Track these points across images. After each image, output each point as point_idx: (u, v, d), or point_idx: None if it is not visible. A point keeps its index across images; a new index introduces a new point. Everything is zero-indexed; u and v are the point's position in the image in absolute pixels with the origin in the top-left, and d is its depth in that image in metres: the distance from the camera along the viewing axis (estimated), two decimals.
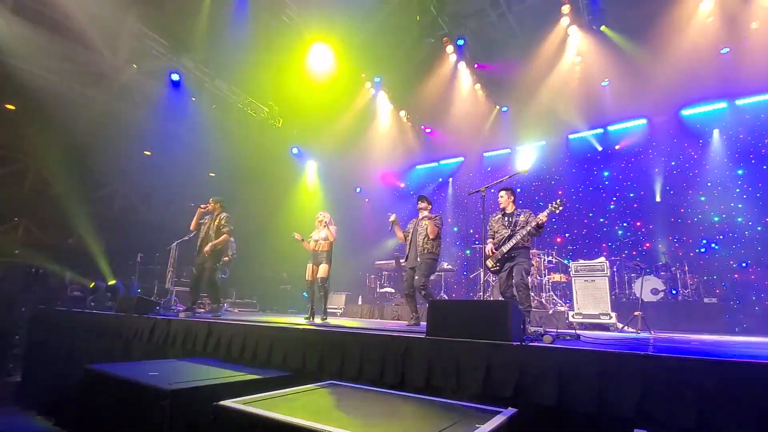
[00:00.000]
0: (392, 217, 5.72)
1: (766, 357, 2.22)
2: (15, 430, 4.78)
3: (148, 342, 4.96)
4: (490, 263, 5.18)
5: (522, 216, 5.06)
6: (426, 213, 5.68)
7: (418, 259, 5.41)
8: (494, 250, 5.13)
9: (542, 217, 4.81)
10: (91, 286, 8.85)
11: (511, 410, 2.22)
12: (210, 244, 6.31)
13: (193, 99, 10.49)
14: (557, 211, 4.93)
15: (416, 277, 5.36)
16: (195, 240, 7.13)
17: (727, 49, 8.59)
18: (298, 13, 9.40)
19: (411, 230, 5.74)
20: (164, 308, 6.71)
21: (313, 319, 6.00)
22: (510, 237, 4.99)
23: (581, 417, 2.28)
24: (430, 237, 5.39)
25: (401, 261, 9.59)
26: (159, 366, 3.50)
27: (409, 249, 5.62)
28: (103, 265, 9.90)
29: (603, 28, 9.06)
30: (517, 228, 4.97)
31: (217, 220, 6.52)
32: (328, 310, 6.34)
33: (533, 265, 7.55)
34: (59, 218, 9.81)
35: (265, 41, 9.67)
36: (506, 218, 5.19)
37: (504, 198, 5.25)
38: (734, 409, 1.92)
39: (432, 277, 6.04)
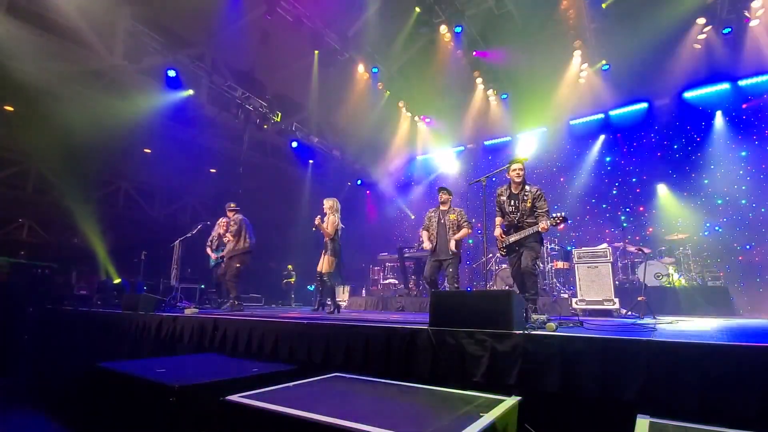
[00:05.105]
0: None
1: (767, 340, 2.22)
2: (25, 429, 4.85)
3: (155, 339, 5.01)
4: (499, 245, 5.14)
5: (528, 199, 4.85)
6: (449, 205, 5.84)
7: (450, 252, 5.53)
8: (503, 236, 5.06)
9: (541, 228, 4.67)
10: (103, 279, 8.94)
11: (515, 398, 2.23)
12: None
13: (191, 93, 10.44)
14: (558, 227, 4.80)
15: (449, 270, 5.52)
16: (198, 237, 7.21)
17: (729, 29, 8.47)
18: (294, 5, 9.31)
19: (434, 221, 5.80)
20: (170, 305, 6.76)
21: (320, 310, 6.02)
22: (518, 227, 4.92)
23: (585, 403, 2.30)
24: (461, 238, 5.57)
25: (405, 251, 9.62)
26: (166, 362, 3.53)
27: (437, 240, 5.68)
28: (111, 263, 9.97)
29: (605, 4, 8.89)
30: (524, 218, 4.89)
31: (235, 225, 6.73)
32: (329, 304, 6.23)
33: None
34: (63, 218, 9.86)
35: (260, 34, 9.60)
36: (512, 201, 5.00)
37: (516, 171, 4.95)
38: (736, 393, 1.93)
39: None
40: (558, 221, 4.65)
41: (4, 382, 6.80)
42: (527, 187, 4.95)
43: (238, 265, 6.49)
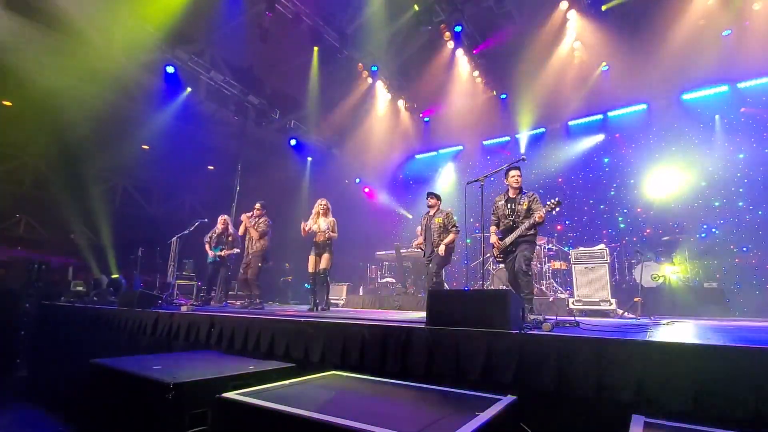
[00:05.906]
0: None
1: (762, 341, 2.24)
2: (23, 425, 4.85)
3: (151, 336, 5.00)
4: (496, 252, 5.18)
5: (524, 202, 4.96)
6: (436, 209, 5.98)
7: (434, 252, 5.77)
8: (499, 241, 5.10)
9: (538, 218, 4.74)
10: (100, 275, 8.92)
11: (510, 397, 2.24)
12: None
13: (189, 90, 10.40)
14: (554, 212, 4.85)
15: (429, 267, 5.77)
16: (196, 234, 7.20)
17: (729, 32, 8.48)
18: (294, 2, 9.29)
19: (424, 226, 6.01)
20: (166, 302, 6.76)
21: (316, 309, 6.05)
22: (514, 230, 4.95)
23: (580, 403, 2.31)
24: (446, 244, 5.68)
25: (403, 250, 9.63)
26: (162, 359, 3.53)
27: (426, 245, 5.95)
28: (108, 259, 9.95)
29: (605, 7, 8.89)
30: (519, 219, 4.94)
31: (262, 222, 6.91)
32: (330, 301, 6.43)
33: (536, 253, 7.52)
34: (60, 214, 9.83)
35: (259, 30, 9.57)
36: (509, 205, 5.08)
37: (515, 177, 5.07)
38: (731, 394, 1.94)
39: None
40: (553, 206, 4.73)
41: (1, 378, 6.79)
42: (524, 192, 5.13)
43: (260, 264, 6.77)
